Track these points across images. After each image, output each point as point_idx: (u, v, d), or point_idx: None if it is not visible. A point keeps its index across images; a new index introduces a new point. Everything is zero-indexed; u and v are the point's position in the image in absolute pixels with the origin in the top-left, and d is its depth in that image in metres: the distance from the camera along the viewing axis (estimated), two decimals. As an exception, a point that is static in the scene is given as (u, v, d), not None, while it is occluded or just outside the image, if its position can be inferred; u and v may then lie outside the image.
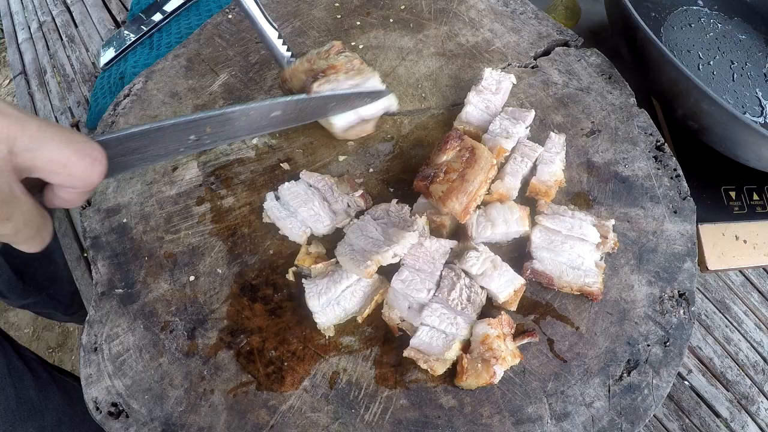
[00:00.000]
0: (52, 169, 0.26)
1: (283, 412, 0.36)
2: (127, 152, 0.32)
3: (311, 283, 0.38)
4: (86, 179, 0.27)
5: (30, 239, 0.27)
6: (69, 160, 0.26)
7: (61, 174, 0.26)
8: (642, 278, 0.42)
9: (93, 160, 0.27)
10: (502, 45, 0.53)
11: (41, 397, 0.61)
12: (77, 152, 0.26)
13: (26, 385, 0.60)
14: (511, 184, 0.41)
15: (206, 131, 0.36)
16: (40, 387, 0.61)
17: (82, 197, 0.29)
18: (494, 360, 0.34)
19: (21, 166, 0.25)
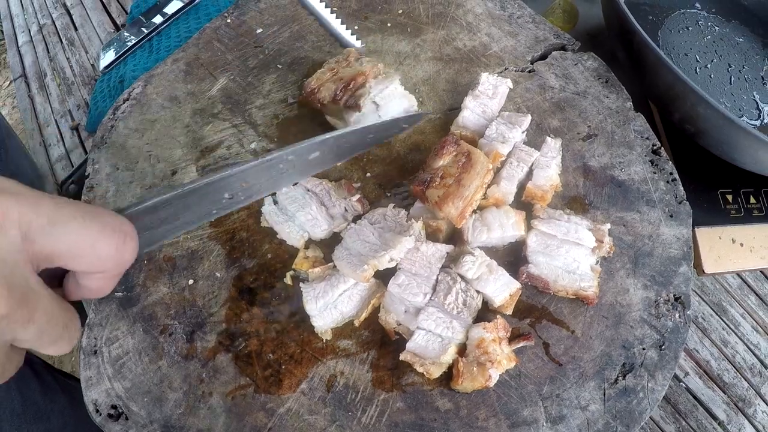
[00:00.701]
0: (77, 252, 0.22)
1: (281, 414, 0.37)
2: (155, 224, 0.29)
3: (309, 286, 0.38)
4: (118, 260, 0.24)
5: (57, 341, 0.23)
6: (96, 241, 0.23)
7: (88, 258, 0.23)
8: (637, 282, 0.42)
9: (123, 235, 0.24)
10: (499, 49, 0.53)
11: (46, 400, 0.61)
12: (104, 229, 0.23)
13: (31, 389, 0.60)
14: (507, 189, 0.41)
15: (241, 186, 0.33)
16: (45, 390, 0.62)
17: (112, 283, 0.25)
18: (490, 363, 0.35)
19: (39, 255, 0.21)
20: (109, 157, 0.48)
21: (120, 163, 0.47)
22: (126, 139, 0.49)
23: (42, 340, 0.23)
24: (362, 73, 0.43)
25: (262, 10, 0.56)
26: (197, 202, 0.31)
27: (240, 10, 0.57)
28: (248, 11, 0.56)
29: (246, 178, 0.33)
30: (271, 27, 0.55)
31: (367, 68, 0.44)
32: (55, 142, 0.69)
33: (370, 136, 0.41)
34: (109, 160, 0.48)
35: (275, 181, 0.36)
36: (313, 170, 0.40)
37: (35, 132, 0.71)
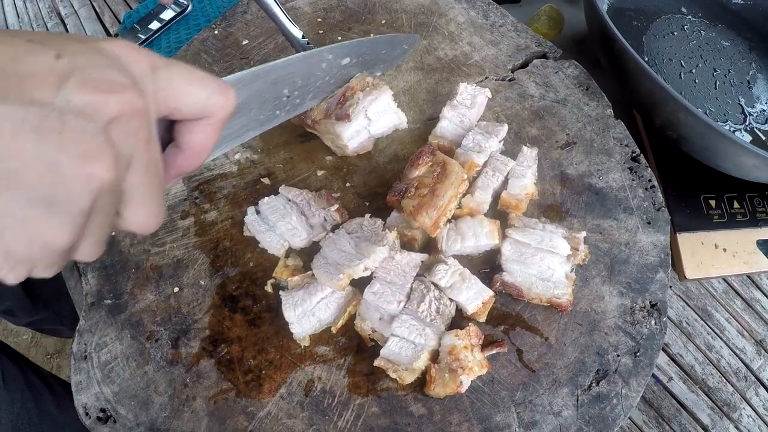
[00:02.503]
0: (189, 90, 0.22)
1: (261, 418, 0.38)
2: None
3: (288, 294, 0.39)
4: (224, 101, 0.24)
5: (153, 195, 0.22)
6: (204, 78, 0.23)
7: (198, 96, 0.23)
8: (613, 289, 0.43)
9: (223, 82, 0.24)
10: (481, 58, 0.54)
11: (59, 410, 0.63)
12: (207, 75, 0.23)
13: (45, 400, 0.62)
14: (481, 198, 0.42)
15: (297, 84, 0.38)
16: (57, 401, 0.64)
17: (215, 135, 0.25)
18: (461, 370, 0.36)
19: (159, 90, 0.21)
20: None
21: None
22: (116, 151, 0.50)
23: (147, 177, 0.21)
24: (350, 87, 0.45)
25: (248, 22, 0.58)
26: (264, 91, 0.34)
27: (227, 21, 0.58)
28: (235, 23, 0.58)
29: (298, 71, 0.38)
30: (256, 39, 0.56)
31: (354, 82, 0.45)
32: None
33: (383, 52, 0.47)
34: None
35: (319, 88, 0.42)
36: (343, 81, 0.45)
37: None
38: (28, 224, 0.18)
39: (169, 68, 0.22)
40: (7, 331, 1.21)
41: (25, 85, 0.17)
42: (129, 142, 0.20)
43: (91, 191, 0.19)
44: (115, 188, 0.20)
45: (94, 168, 0.18)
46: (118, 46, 0.21)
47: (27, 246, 0.18)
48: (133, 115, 0.19)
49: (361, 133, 0.46)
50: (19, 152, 0.17)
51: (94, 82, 0.18)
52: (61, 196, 0.18)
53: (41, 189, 0.18)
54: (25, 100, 0.17)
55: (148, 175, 0.21)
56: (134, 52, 0.21)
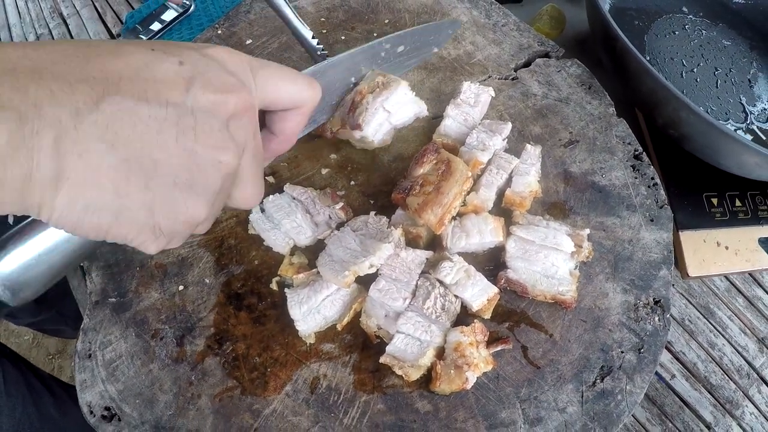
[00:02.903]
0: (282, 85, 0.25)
1: (266, 415, 0.38)
2: None
3: (293, 292, 0.39)
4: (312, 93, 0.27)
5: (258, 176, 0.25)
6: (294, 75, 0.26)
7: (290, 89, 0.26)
8: (617, 286, 0.43)
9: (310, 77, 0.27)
10: (483, 57, 0.54)
11: (60, 413, 0.63)
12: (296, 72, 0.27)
13: (45, 403, 0.63)
14: (485, 196, 0.42)
15: (361, 72, 0.44)
16: (58, 404, 0.64)
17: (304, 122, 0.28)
18: (466, 366, 0.36)
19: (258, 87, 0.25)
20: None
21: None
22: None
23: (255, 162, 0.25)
24: (359, 92, 0.44)
25: (251, 22, 0.58)
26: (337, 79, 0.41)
27: (230, 21, 0.58)
28: (238, 22, 0.58)
29: (362, 61, 0.43)
30: (260, 38, 0.57)
31: (363, 86, 0.44)
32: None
33: (431, 38, 0.51)
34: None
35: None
36: (402, 68, 0.50)
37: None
38: (174, 204, 0.21)
39: (265, 68, 0.25)
40: (8, 332, 1.21)
41: (159, 88, 0.20)
42: (243, 133, 0.23)
43: (222, 175, 0.22)
44: (236, 172, 0.23)
45: (223, 156, 0.22)
46: (222, 52, 0.24)
47: (173, 221, 0.22)
48: (246, 110, 0.23)
49: (383, 126, 0.46)
50: (163, 145, 0.20)
51: (215, 85, 0.22)
52: (199, 180, 0.22)
53: (183, 175, 0.21)
54: (162, 101, 0.20)
55: (256, 159, 0.25)
56: (236, 56, 0.24)
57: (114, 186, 0.20)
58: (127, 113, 0.19)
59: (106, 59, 0.20)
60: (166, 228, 0.22)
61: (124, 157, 0.19)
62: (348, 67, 0.43)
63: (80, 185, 0.19)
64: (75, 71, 0.19)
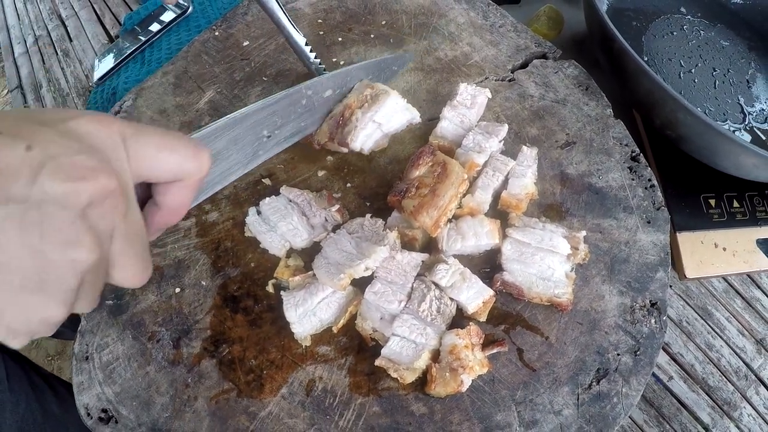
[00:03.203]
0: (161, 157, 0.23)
1: (262, 418, 0.38)
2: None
3: (289, 294, 0.39)
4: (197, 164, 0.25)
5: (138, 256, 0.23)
6: (175, 146, 0.24)
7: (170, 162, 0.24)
8: (613, 288, 0.43)
9: (197, 144, 0.25)
10: (480, 59, 0.54)
11: (63, 411, 0.64)
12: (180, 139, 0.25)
13: (48, 400, 0.63)
14: (481, 198, 0.42)
15: (275, 123, 0.38)
16: (60, 401, 0.64)
17: (191, 195, 0.26)
18: (462, 369, 0.36)
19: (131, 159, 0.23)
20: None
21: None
22: (117, 152, 0.50)
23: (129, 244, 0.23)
24: (348, 106, 0.43)
25: (249, 23, 0.58)
26: (242, 136, 0.35)
27: (228, 23, 0.58)
28: (236, 24, 0.58)
29: (277, 111, 0.38)
30: (257, 40, 0.57)
31: (352, 98, 0.44)
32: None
33: (369, 77, 0.47)
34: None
35: (300, 121, 0.41)
36: (326, 109, 0.45)
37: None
38: (24, 306, 0.20)
39: (139, 137, 0.23)
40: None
41: (1, 181, 0.18)
42: (107, 219, 0.21)
43: (77, 272, 0.20)
44: (100, 262, 0.21)
45: (76, 253, 0.20)
46: (87, 123, 0.21)
47: (25, 323, 0.20)
48: (107, 196, 0.21)
49: (373, 135, 0.46)
50: (5, 245, 0.19)
51: (66, 171, 0.19)
52: (50, 279, 0.20)
53: (31, 276, 0.19)
54: (2, 197, 0.18)
55: (129, 241, 0.23)
56: (103, 127, 0.22)
57: None
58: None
59: None
60: (21, 329, 0.20)
61: None
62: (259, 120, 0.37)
63: None
64: None
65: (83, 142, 0.21)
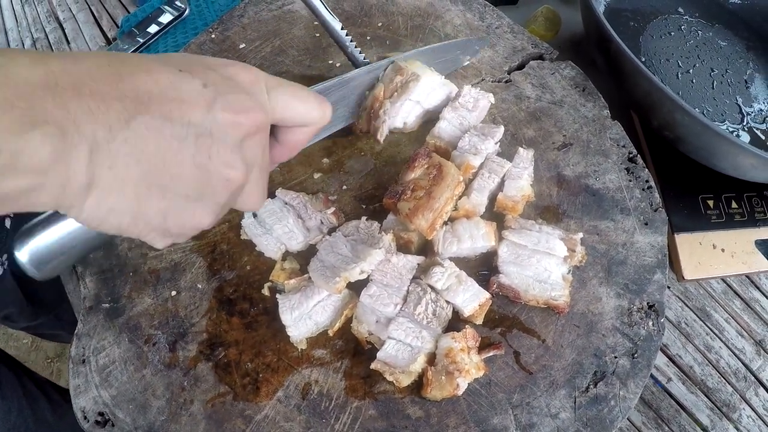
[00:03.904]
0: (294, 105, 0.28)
1: (258, 421, 0.38)
2: None
3: (285, 297, 0.39)
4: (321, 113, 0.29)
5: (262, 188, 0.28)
6: (307, 97, 0.28)
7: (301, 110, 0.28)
8: (610, 290, 0.42)
9: (322, 98, 0.29)
10: (477, 60, 0.54)
11: (56, 418, 0.64)
12: (309, 92, 0.29)
13: (41, 407, 0.63)
14: (477, 200, 0.42)
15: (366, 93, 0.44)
16: (54, 408, 0.65)
17: (309, 137, 0.30)
18: (458, 372, 0.36)
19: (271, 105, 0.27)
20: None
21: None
22: (114, 155, 0.50)
23: (262, 175, 0.27)
24: (376, 98, 0.43)
25: (245, 26, 0.58)
26: (350, 93, 0.42)
27: (224, 25, 0.58)
28: (232, 26, 0.58)
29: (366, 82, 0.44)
30: (253, 42, 0.57)
31: (379, 90, 0.43)
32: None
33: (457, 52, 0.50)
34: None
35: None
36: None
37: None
38: (185, 213, 0.24)
39: (279, 88, 0.27)
40: (7, 335, 1.21)
41: (184, 108, 0.23)
42: (255, 150, 0.26)
43: (229, 191, 0.25)
44: (244, 184, 0.26)
45: (233, 174, 0.25)
46: (242, 71, 0.26)
47: (181, 227, 0.25)
48: (258, 130, 0.25)
49: (413, 111, 0.46)
50: (181, 162, 0.23)
51: (233, 106, 0.24)
52: (208, 193, 0.24)
53: (195, 187, 0.24)
54: (185, 121, 0.23)
55: (262, 173, 0.27)
56: (253, 76, 0.26)
57: (135, 195, 0.22)
58: (153, 132, 0.22)
59: (138, 77, 0.22)
60: (174, 230, 0.25)
61: (147, 171, 0.22)
62: (362, 82, 0.43)
63: (107, 192, 0.22)
64: (110, 88, 0.21)
65: (241, 85, 0.25)
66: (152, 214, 0.23)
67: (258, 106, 0.25)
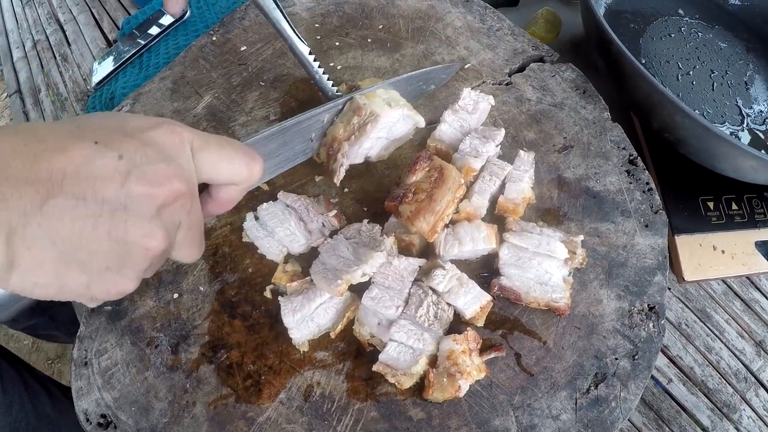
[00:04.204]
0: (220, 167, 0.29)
1: (261, 423, 0.38)
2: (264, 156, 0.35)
3: (287, 300, 0.39)
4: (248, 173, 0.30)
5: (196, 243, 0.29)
6: (233, 158, 0.29)
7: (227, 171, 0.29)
8: (611, 292, 0.43)
9: (252, 155, 0.30)
10: (478, 62, 0.54)
11: (56, 412, 0.64)
12: (237, 151, 0.29)
13: (42, 402, 0.63)
14: (478, 203, 0.42)
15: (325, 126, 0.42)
16: (54, 403, 0.65)
17: (239, 196, 0.32)
18: (459, 374, 0.36)
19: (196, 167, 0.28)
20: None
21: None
22: (116, 157, 0.51)
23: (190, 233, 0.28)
24: (334, 138, 0.42)
25: (246, 28, 0.58)
26: (292, 139, 0.41)
27: (225, 27, 0.58)
28: (233, 29, 0.58)
29: (322, 119, 0.42)
30: (254, 44, 0.57)
31: (338, 129, 0.42)
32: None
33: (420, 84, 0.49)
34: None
35: None
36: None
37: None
38: (107, 282, 0.25)
39: (206, 149, 0.28)
40: (8, 336, 1.21)
41: (97, 185, 0.23)
42: (176, 215, 0.27)
43: (150, 257, 0.26)
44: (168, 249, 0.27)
45: (152, 242, 0.25)
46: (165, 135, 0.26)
47: (106, 294, 0.26)
48: (178, 198, 0.26)
49: (377, 144, 0.45)
50: (98, 238, 0.23)
51: (147, 178, 0.24)
52: (129, 263, 0.25)
53: (114, 260, 0.25)
54: (99, 198, 0.23)
55: (191, 231, 0.28)
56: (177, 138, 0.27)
57: (55, 272, 0.24)
58: (67, 212, 0.22)
59: (53, 157, 0.22)
60: (100, 297, 0.26)
61: (63, 250, 0.23)
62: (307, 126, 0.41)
63: (28, 271, 0.23)
64: (25, 172, 0.22)
65: (161, 151, 0.26)
66: (75, 286, 0.24)
67: (176, 174, 0.25)
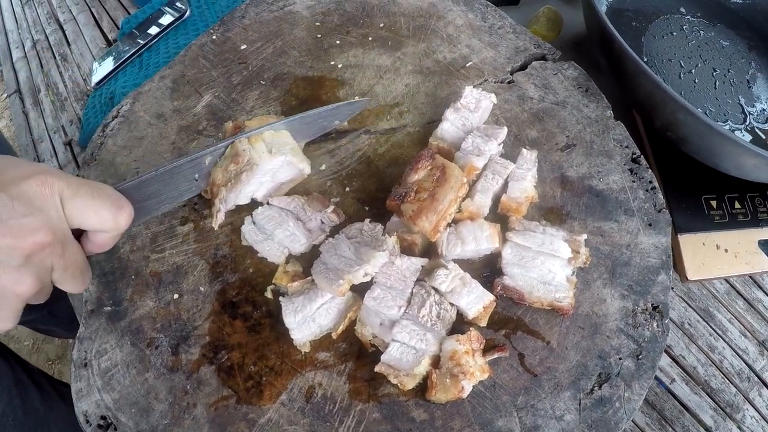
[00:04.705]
0: (87, 217, 0.32)
1: (262, 424, 0.38)
2: (145, 197, 0.39)
3: (288, 300, 0.39)
4: (115, 224, 0.33)
5: (76, 277, 0.33)
6: (99, 210, 0.32)
7: (95, 221, 0.32)
8: (615, 292, 0.42)
9: (119, 207, 0.33)
10: (479, 61, 0.54)
11: (46, 408, 0.64)
12: (105, 202, 0.33)
13: (32, 397, 0.63)
14: (481, 202, 0.42)
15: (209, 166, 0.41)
16: (44, 398, 0.65)
17: (113, 241, 0.35)
18: (462, 375, 0.36)
19: (67, 215, 0.31)
20: (99, 174, 0.49)
21: (109, 179, 0.49)
22: (114, 156, 0.50)
23: (67, 272, 0.32)
24: (213, 183, 0.40)
25: (246, 27, 0.58)
26: (174, 180, 0.40)
27: (225, 26, 0.58)
28: (233, 28, 0.58)
29: (204, 161, 0.41)
30: (255, 43, 0.56)
31: (217, 174, 0.40)
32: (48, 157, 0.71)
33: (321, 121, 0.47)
34: (98, 176, 0.49)
35: None
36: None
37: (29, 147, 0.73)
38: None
39: (75, 200, 0.31)
40: (8, 337, 1.21)
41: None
42: (46, 261, 0.30)
43: (23, 299, 0.30)
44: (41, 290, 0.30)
45: (21, 288, 0.29)
46: (35, 185, 0.29)
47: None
48: (45, 246, 0.29)
49: (264, 185, 0.43)
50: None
51: (13, 231, 0.27)
52: (4, 306, 0.29)
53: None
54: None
55: (68, 269, 0.32)
56: (48, 192, 0.29)
57: None
58: None
59: None
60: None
61: None
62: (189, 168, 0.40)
63: None
64: None
65: (29, 204, 0.28)
66: None
67: (42, 226, 0.28)
